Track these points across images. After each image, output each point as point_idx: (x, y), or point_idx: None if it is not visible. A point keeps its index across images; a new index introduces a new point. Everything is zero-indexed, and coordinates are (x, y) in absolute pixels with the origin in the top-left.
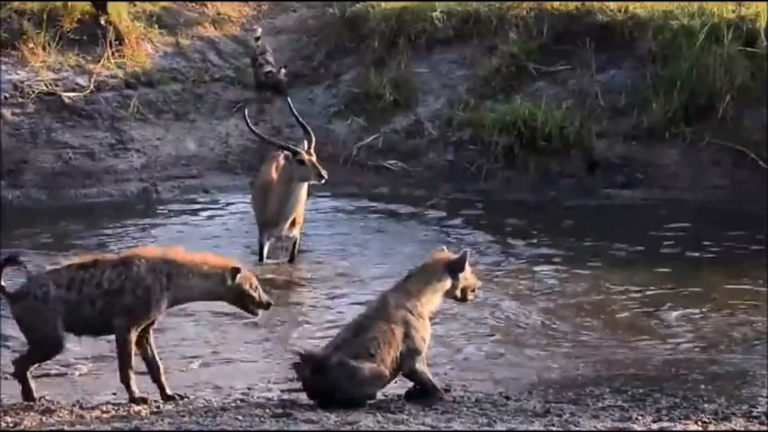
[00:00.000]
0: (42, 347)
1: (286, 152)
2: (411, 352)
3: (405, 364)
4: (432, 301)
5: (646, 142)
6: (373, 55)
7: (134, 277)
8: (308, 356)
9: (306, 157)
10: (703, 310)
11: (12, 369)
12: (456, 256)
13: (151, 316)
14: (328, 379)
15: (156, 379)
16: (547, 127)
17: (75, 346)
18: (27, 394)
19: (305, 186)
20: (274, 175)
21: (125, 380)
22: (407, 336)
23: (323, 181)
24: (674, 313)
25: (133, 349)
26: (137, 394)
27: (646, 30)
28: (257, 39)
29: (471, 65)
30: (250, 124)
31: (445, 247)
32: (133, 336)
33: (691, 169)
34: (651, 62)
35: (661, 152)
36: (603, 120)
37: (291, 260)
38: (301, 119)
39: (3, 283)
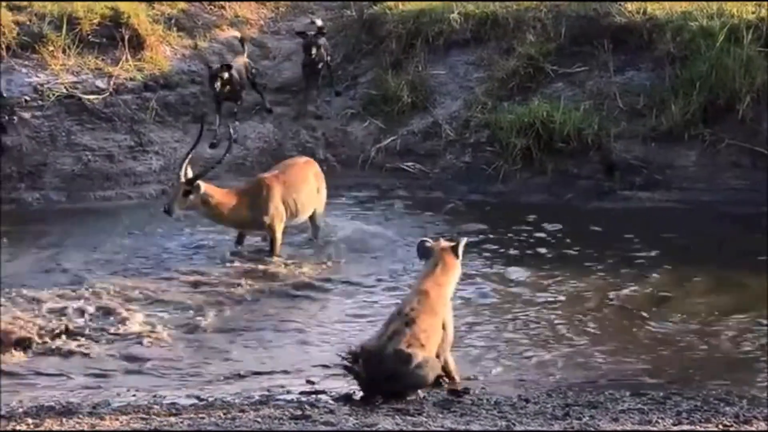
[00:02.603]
0: None
1: None
2: (447, 342)
3: (442, 354)
4: (453, 288)
5: (665, 143)
6: (390, 57)
7: None
8: (363, 349)
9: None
10: (724, 313)
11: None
12: (455, 242)
13: None
14: (384, 369)
15: None
16: (564, 128)
17: (95, 347)
18: None
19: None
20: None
21: None
22: (445, 327)
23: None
24: (694, 316)
25: None
26: None
27: (664, 31)
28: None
29: (488, 67)
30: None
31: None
32: None
33: (710, 170)
34: (669, 63)
35: (679, 154)
36: (621, 121)
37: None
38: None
39: None
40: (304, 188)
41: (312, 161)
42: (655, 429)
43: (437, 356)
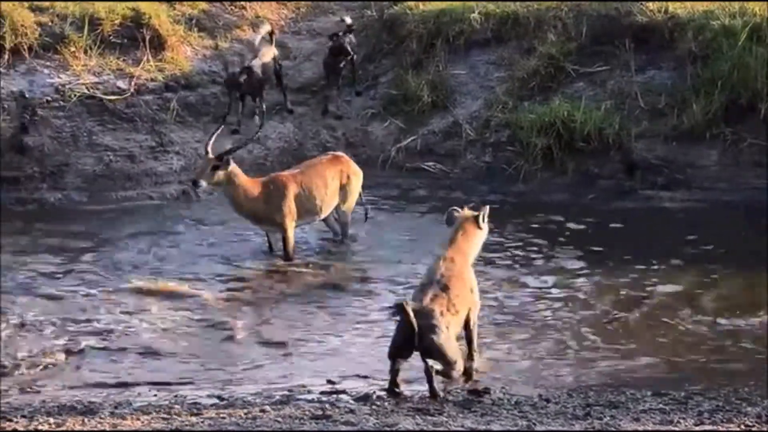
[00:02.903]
0: None
1: None
2: (476, 307)
3: (471, 319)
4: (475, 255)
5: (686, 142)
6: (411, 56)
7: None
8: (407, 304)
9: None
10: (747, 312)
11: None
12: (477, 211)
13: None
14: (421, 325)
15: None
16: (585, 128)
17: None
18: None
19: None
20: None
21: None
22: (473, 291)
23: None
24: (716, 317)
25: None
26: None
27: (685, 30)
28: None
29: (509, 66)
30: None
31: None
32: None
33: (732, 169)
34: (691, 62)
35: (701, 153)
36: (642, 121)
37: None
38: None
39: None
40: (323, 187)
41: (340, 158)
42: (676, 429)
43: (468, 321)
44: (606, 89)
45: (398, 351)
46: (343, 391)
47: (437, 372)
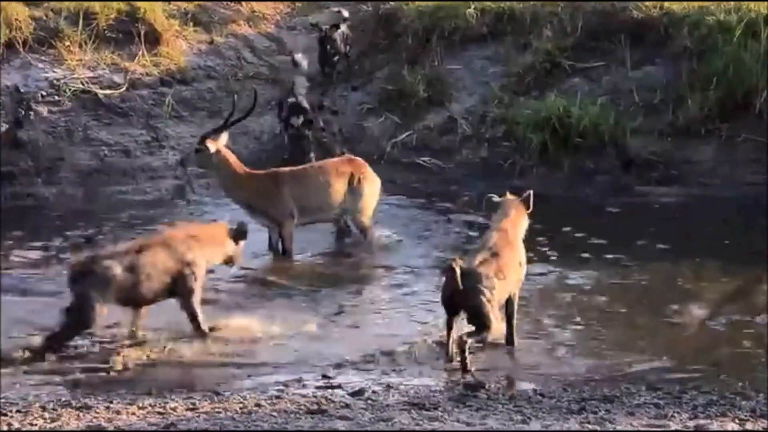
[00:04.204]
0: None
1: None
2: (521, 279)
3: (516, 289)
4: (523, 233)
5: (682, 138)
6: (406, 52)
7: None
8: (456, 263)
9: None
10: (741, 307)
11: None
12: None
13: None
14: (467, 285)
15: None
16: (581, 124)
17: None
18: None
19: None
20: None
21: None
22: (521, 265)
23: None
24: (711, 312)
25: None
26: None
27: (681, 26)
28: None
29: (505, 62)
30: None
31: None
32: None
33: (728, 165)
34: (686, 58)
35: (696, 149)
36: (638, 117)
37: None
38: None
39: None
40: (324, 187)
41: (353, 161)
42: (671, 423)
43: (511, 296)
44: (602, 85)
45: (446, 309)
46: (339, 386)
47: (469, 335)
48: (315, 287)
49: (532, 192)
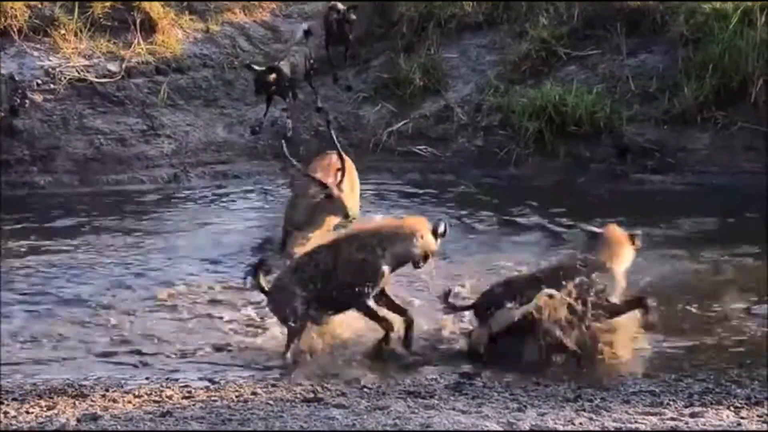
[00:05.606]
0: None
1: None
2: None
3: None
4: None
5: (678, 126)
6: (402, 40)
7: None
8: None
9: (335, 193)
10: (738, 295)
11: None
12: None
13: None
14: None
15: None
16: (577, 111)
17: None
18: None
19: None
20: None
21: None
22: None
23: (349, 219)
24: (707, 300)
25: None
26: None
27: (677, 14)
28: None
29: (501, 50)
30: (287, 154)
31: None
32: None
33: (723, 153)
34: (682, 46)
35: (692, 137)
36: (634, 104)
37: None
38: (339, 149)
39: (262, 283)
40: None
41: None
42: (666, 411)
43: None
44: (597, 73)
45: None
46: (335, 374)
47: None
48: None
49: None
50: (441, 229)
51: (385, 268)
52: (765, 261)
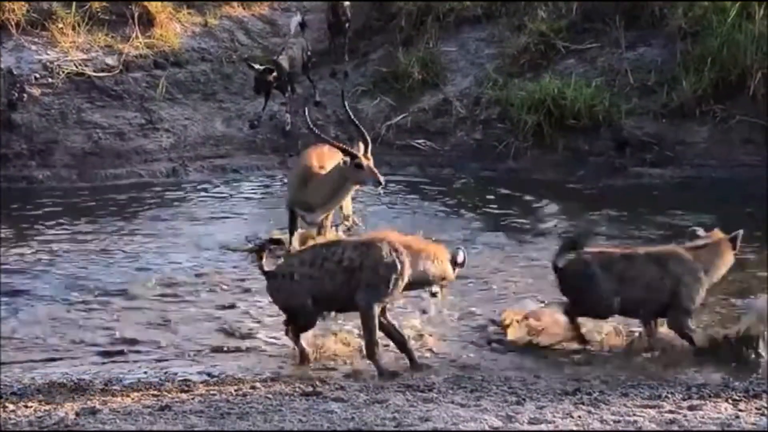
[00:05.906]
0: (296, 319)
1: (344, 156)
2: None
3: None
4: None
5: (676, 119)
6: (401, 34)
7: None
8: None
9: (364, 162)
10: (737, 288)
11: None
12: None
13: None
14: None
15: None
16: (575, 105)
17: (108, 329)
18: (301, 356)
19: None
20: (315, 162)
21: (370, 354)
22: None
23: (380, 188)
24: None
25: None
26: (384, 368)
27: (676, 7)
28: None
29: (499, 44)
30: (311, 124)
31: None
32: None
33: (722, 146)
34: (681, 39)
35: (691, 130)
36: (632, 98)
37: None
38: (357, 122)
39: (264, 264)
40: None
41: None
42: (665, 404)
43: None
44: (596, 66)
45: None
46: (333, 368)
47: None
48: None
49: (741, 232)
50: (460, 258)
51: (407, 278)
52: (764, 254)
